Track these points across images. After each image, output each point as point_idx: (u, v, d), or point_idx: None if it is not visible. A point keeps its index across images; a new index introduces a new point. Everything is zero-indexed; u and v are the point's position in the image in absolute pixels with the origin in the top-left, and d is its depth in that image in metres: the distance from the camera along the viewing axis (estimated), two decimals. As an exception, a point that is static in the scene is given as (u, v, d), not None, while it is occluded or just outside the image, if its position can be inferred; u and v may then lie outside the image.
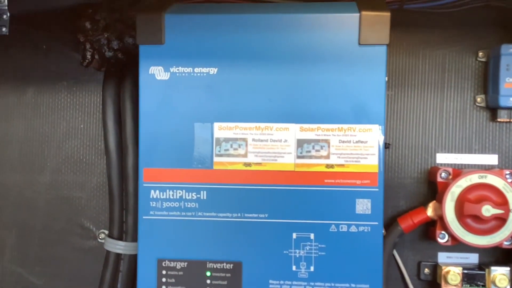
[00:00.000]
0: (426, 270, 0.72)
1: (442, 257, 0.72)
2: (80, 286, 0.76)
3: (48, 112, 0.77)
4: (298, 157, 0.61)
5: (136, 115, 0.66)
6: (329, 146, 0.60)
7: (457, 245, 0.70)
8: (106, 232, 0.74)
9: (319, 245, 0.61)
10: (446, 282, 0.68)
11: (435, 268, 0.71)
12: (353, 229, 0.60)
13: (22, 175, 0.76)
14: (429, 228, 0.71)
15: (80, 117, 0.76)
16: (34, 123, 0.77)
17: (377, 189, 0.60)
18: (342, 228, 0.60)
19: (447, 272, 0.68)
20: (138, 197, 0.63)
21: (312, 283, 0.61)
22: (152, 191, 0.62)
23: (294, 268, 0.61)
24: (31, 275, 0.76)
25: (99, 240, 0.75)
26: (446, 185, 0.66)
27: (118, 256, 0.71)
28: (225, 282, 0.62)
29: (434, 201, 0.69)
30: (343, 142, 0.60)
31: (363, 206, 0.60)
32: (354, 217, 0.60)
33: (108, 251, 0.71)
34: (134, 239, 0.69)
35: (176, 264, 0.62)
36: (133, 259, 0.70)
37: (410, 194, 0.72)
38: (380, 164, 0.60)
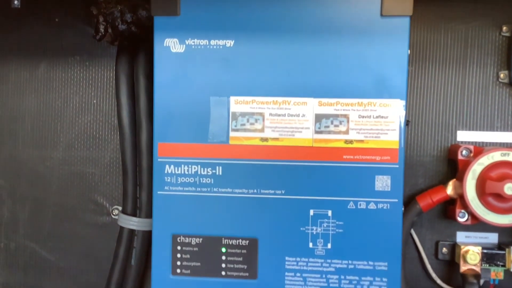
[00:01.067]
0: (444, 250, 0.70)
1: (460, 236, 0.70)
2: (93, 262, 0.75)
3: (61, 87, 0.75)
4: (316, 132, 0.59)
5: (150, 90, 0.65)
6: (348, 121, 0.59)
7: (477, 225, 0.68)
8: (120, 208, 0.74)
9: (337, 222, 0.59)
10: (465, 261, 0.67)
11: (453, 247, 0.70)
12: (371, 206, 0.59)
13: (35, 150, 0.76)
14: (448, 207, 0.69)
15: (93, 92, 0.75)
16: (46, 98, 0.76)
17: (397, 166, 0.58)
18: (360, 205, 0.59)
19: (466, 252, 0.67)
20: (152, 173, 0.62)
21: (329, 261, 0.60)
22: (167, 166, 0.61)
23: (311, 245, 0.60)
24: (44, 251, 0.76)
25: (113, 216, 0.75)
26: (467, 163, 0.65)
27: (132, 232, 0.70)
28: (241, 259, 0.61)
29: (454, 180, 0.67)
30: (363, 117, 0.59)
31: (382, 182, 0.59)
32: (373, 194, 0.59)
33: (121, 227, 0.71)
34: (148, 215, 0.69)
35: (191, 240, 0.61)
36: (147, 235, 0.70)
37: (429, 173, 0.70)
38: (401, 140, 0.58)
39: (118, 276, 0.71)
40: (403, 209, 0.59)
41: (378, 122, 0.58)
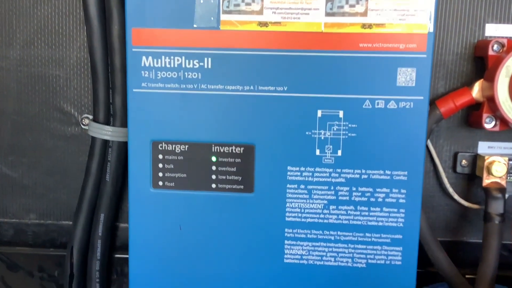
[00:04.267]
0: (464, 162, 0.62)
1: (482, 147, 0.62)
2: (62, 179, 0.66)
3: (14, -29, 0.63)
4: (328, 14, 0.48)
5: (122, -31, 0.53)
6: (367, 0, 0.48)
7: (501, 134, 0.61)
8: (91, 117, 0.64)
9: (349, 125, 0.50)
10: (489, 173, 0.58)
11: (474, 159, 0.62)
12: (391, 105, 0.49)
13: (-13, 48, 0.64)
14: (472, 112, 0.60)
15: (53, -23, 0.62)
16: (-3, -15, 0.63)
17: (424, 55, 0.48)
18: (378, 104, 0.49)
19: (491, 163, 0.59)
20: (126, 73, 0.51)
21: (338, 170, 0.51)
22: (144, 58, 0.50)
23: (318, 152, 0.51)
24: (5, 166, 0.66)
25: (83, 126, 0.65)
26: (499, 60, 0.55)
27: (105, 143, 0.61)
28: (234, 169, 0.52)
29: (482, 80, 0.58)
30: (385, -6, 0.48)
31: (406, 76, 0.49)
32: (394, 91, 0.49)
33: (93, 138, 0.61)
34: (123, 123, 0.59)
35: (175, 147, 0.52)
36: (123, 146, 0.60)
37: (452, 74, 0.61)
38: (431, 23, 0.48)
39: (91, 194, 0.62)
40: (429, 108, 0.50)
41: (403, 1, 0.48)
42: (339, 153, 0.51)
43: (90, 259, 0.63)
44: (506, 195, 0.59)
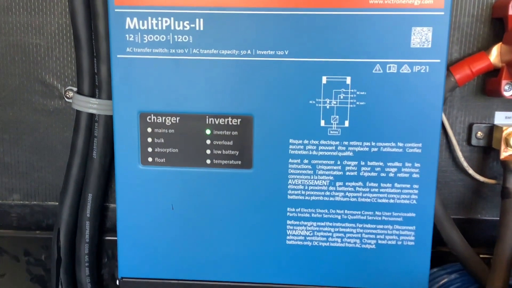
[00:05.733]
0: (479, 134, 0.58)
1: (499, 117, 0.57)
2: (46, 156, 0.62)
3: None
4: (333, -33, 0.43)
5: None
6: (377, -49, 0.43)
7: (520, 103, 0.56)
8: (75, 89, 0.59)
9: (358, 92, 0.45)
10: (508, 145, 0.54)
11: (491, 130, 0.57)
12: (405, 69, 0.45)
13: (-40, 15, 0.59)
14: (489, 80, 0.56)
15: None
16: None
17: (442, 13, 0.43)
18: (390, 68, 0.45)
19: (510, 134, 0.54)
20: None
21: (346, 143, 0.46)
22: (128, 20, 0.45)
23: (322, 123, 0.46)
24: (-16, 143, 0.61)
25: (66, 100, 0.60)
26: (521, 20, 0.50)
27: (91, 117, 0.56)
28: (231, 143, 0.47)
29: (500, 44, 0.53)
30: None
31: (421, 37, 0.44)
32: (408, 53, 0.44)
33: (78, 111, 0.57)
34: (110, 95, 0.54)
35: (165, 120, 0.47)
36: (110, 120, 0.56)
37: (467, 37, 0.56)
38: (450, -24, 0.43)
39: (78, 172, 0.58)
40: (446, 72, 0.45)
41: (419, -49, 0.43)
42: (346, 123, 0.46)
43: (78, 242, 0.59)
44: (526, 169, 0.54)
